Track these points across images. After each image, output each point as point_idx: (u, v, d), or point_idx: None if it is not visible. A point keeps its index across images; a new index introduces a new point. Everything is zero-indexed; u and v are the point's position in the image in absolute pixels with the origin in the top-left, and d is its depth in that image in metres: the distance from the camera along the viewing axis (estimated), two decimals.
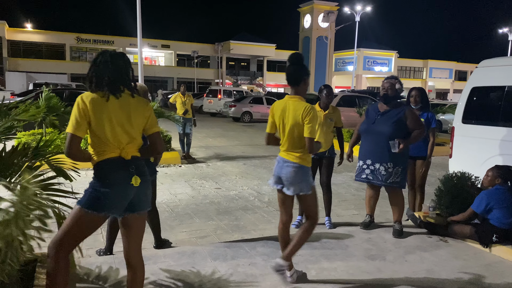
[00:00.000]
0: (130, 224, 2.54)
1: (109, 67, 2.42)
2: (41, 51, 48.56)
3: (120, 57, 2.49)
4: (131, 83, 2.52)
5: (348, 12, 35.13)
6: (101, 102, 2.38)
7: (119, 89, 2.44)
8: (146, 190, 2.51)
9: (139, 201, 2.48)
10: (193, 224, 5.00)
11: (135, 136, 2.47)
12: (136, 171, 2.44)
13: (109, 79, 2.40)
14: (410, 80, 59.58)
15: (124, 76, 2.48)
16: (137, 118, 2.47)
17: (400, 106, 4.55)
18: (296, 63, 3.33)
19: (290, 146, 3.34)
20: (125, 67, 2.49)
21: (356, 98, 15.97)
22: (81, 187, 6.47)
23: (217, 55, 54.29)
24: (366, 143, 4.65)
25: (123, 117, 2.42)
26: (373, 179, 4.58)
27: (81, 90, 14.83)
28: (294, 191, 3.34)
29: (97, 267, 3.54)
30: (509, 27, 41.29)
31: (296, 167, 3.30)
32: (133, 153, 2.47)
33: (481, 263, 3.93)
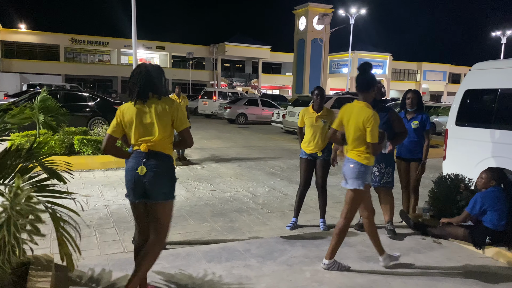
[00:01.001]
0: (148, 210, 2.95)
1: (141, 78, 2.86)
2: (35, 52, 48.32)
3: (153, 68, 2.93)
4: (160, 89, 2.91)
5: (343, 14, 35.25)
6: (129, 108, 2.90)
7: (147, 95, 2.86)
8: (154, 181, 2.83)
9: (149, 190, 2.85)
10: (188, 226, 4.99)
11: (159, 133, 2.84)
12: (145, 162, 2.83)
13: (140, 87, 2.85)
14: (404, 82, 59.89)
15: (154, 84, 2.88)
16: (162, 119, 2.84)
17: (385, 109, 4.68)
18: (367, 72, 3.62)
19: (352, 146, 3.65)
20: (156, 76, 2.90)
21: (351, 100, 16.01)
22: (75, 188, 6.45)
23: (212, 57, 54.28)
24: None
25: (147, 118, 2.84)
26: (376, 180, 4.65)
27: (75, 92, 14.75)
28: (351, 185, 3.64)
29: (90, 269, 3.52)
30: (502, 30, 41.63)
31: (355, 163, 3.61)
32: (152, 148, 2.85)
33: (475, 264, 3.95)
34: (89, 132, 9.88)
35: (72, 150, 8.44)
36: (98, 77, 50.35)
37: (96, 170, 8.06)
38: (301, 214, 5.42)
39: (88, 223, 4.86)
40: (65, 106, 9.14)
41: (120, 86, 50.10)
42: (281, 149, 12.26)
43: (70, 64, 48.68)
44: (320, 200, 5.06)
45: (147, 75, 2.89)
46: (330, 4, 42.51)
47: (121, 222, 4.99)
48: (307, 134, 4.93)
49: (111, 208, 5.56)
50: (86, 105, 12.77)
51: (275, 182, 7.68)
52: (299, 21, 43.65)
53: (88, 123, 12.37)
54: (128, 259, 3.78)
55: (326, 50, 40.94)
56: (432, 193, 5.02)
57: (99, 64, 51.74)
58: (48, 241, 4.11)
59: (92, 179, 7.29)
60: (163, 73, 2.97)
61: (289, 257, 3.98)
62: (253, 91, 54.50)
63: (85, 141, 8.36)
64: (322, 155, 4.92)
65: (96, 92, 20.89)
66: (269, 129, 18.89)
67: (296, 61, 44.15)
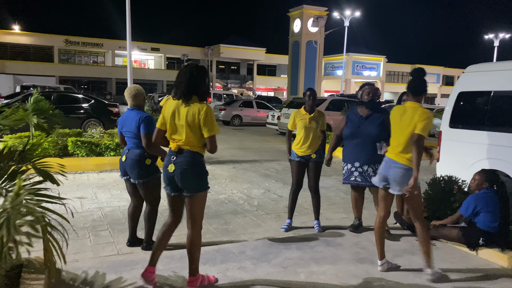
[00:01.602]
0: (183, 201, 3.27)
1: (186, 78, 3.06)
2: (29, 53, 48.06)
3: (197, 69, 3.11)
4: (202, 91, 3.09)
5: (337, 17, 35.38)
6: (171, 104, 3.11)
7: (188, 96, 3.05)
8: (182, 177, 3.10)
9: (180, 184, 3.15)
10: (182, 228, 4.95)
11: (186, 137, 3.08)
12: (174, 160, 3.12)
13: (184, 88, 3.05)
14: (398, 84, 60.17)
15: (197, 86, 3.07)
16: (191, 123, 3.05)
17: (381, 110, 4.78)
18: (421, 76, 3.68)
19: (402, 149, 3.60)
20: (200, 76, 3.08)
21: (345, 102, 16.05)
22: (69, 190, 6.41)
23: (207, 59, 54.25)
24: (352, 146, 4.77)
25: (182, 119, 3.07)
26: (362, 181, 4.72)
27: (69, 93, 14.68)
28: (400, 190, 3.62)
29: (84, 271, 3.50)
30: (495, 33, 41.96)
31: (404, 169, 3.58)
32: (183, 147, 3.11)
33: (468, 266, 3.97)
34: (83, 133, 9.83)
35: (66, 152, 8.39)
36: (93, 78, 50.16)
37: (90, 172, 8.02)
38: (296, 216, 5.42)
39: (82, 225, 4.84)
40: (59, 107, 9.07)
41: (114, 87, 49.95)
42: (276, 150, 12.27)
43: (64, 66, 48.46)
44: (314, 202, 5.07)
45: (191, 76, 3.07)
46: (324, 7, 42.70)
47: (115, 224, 4.97)
48: (299, 136, 4.92)
49: (105, 210, 5.54)
50: (80, 106, 12.71)
51: (270, 184, 7.68)
52: (294, 23, 43.77)
53: (82, 125, 12.31)
54: (122, 262, 3.77)
55: (321, 52, 41.05)
56: (426, 195, 5.04)
57: (94, 66, 51.55)
58: (41, 243, 4.07)
59: (86, 181, 7.25)
60: (207, 74, 3.15)
61: (283, 259, 3.98)
62: (248, 93, 54.50)
63: (79, 143, 8.31)
64: (316, 157, 4.93)
65: (91, 94, 20.81)
66: (264, 131, 18.90)
67: (291, 63, 44.26)
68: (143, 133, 3.81)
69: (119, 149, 8.56)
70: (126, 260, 3.84)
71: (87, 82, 50.18)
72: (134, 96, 4.03)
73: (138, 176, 3.94)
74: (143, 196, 4.09)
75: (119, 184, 7.08)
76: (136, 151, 3.93)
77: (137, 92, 4.05)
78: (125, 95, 4.11)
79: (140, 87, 4.13)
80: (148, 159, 3.90)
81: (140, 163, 3.90)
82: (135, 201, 4.21)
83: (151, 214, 4.08)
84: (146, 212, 4.09)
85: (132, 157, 3.95)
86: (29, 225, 2.22)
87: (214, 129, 3.09)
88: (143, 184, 3.96)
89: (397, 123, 3.67)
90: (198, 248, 3.30)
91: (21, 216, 2.18)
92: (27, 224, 2.21)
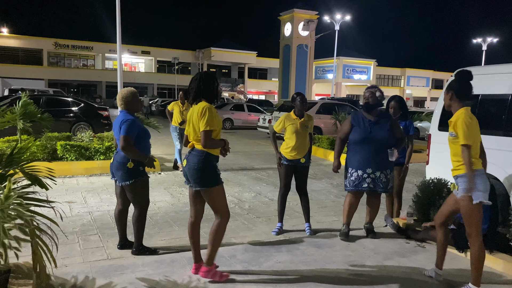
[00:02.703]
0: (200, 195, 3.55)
1: (195, 84, 3.43)
2: (18, 56, 47.60)
3: (205, 76, 3.47)
4: (210, 95, 3.44)
5: (328, 21, 35.60)
6: (191, 110, 3.49)
7: (198, 99, 3.43)
8: (190, 172, 3.41)
9: (190, 179, 3.48)
10: (173, 232, 4.95)
11: (194, 134, 3.43)
12: (187, 157, 3.46)
13: (194, 93, 3.44)
14: (388, 88, 60.61)
15: (204, 90, 3.42)
16: (196, 120, 3.37)
17: (387, 114, 4.74)
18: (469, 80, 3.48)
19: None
20: (206, 82, 3.43)
21: (336, 106, 16.14)
22: (58, 195, 6.34)
23: (198, 62, 54.20)
24: (364, 152, 4.54)
25: (192, 120, 3.43)
26: (375, 187, 4.59)
27: (58, 97, 14.54)
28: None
29: (73, 277, 3.47)
30: (483, 37, 42.53)
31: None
32: (195, 145, 3.43)
33: (457, 267, 4.00)
34: (72, 137, 9.75)
35: (55, 156, 8.31)
36: (82, 82, 49.83)
37: (79, 176, 7.95)
38: (287, 219, 5.42)
39: (71, 230, 4.79)
40: (48, 111, 8.98)
41: (104, 91, 49.64)
42: (267, 154, 12.27)
43: (54, 69, 48.07)
44: (303, 205, 5.08)
45: (199, 82, 3.42)
46: (315, 11, 42.88)
47: (104, 229, 4.92)
48: (290, 141, 4.89)
49: (94, 215, 5.49)
50: (70, 110, 12.60)
51: (261, 187, 7.68)
52: (285, 27, 43.90)
53: (72, 129, 12.20)
54: (112, 266, 3.74)
55: (312, 56, 41.22)
56: (415, 198, 5.07)
57: (83, 69, 51.22)
58: (29, 248, 4.03)
59: (75, 185, 7.18)
60: (214, 80, 3.48)
61: (274, 262, 3.97)
62: (239, 96, 54.54)
63: (69, 147, 8.24)
64: (304, 161, 4.93)
65: (80, 97, 20.64)
66: (255, 134, 18.91)
67: (282, 66, 44.36)
68: (121, 135, 3.86)
69: (109, 153, 8.51)
70: (115, 264, 3.81)
71: (76, 86, 49.82)
72: (121, 99, 4.07)
73: (121, 178, 3.97)
74: (130, 199, 4.08)
75: (109, 188, 7.02)
76: (121, 154, 3.95)
77: (124, 95, 4.06)
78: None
79: (131, 91, 4.12)
80: (131, 163, 3.91)
81: (123, 166, 3.93)
82: (120, 204, 4.20)
83: (138, 217, 4.06)
84: (134, 215, 4.08)
85: (118, 159, 3.99)
86: (18, 228, 2.19)
87: (209, 125, 3.29)
88: (127, 187, 3.98)
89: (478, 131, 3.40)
90: (218, 238, 3.50)
91: (10, 220, 2.15)
92: (16, 228, 2.18)
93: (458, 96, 3.45)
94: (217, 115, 3.40)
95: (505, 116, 4.78)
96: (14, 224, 2.14)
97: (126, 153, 3.87)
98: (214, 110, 3.37)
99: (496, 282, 3.75)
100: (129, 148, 3.84)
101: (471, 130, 3.28)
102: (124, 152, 3.87)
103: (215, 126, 3.34)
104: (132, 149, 3.87)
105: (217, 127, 3.39)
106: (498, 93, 4.93)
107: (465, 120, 3.29)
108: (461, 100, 3.45)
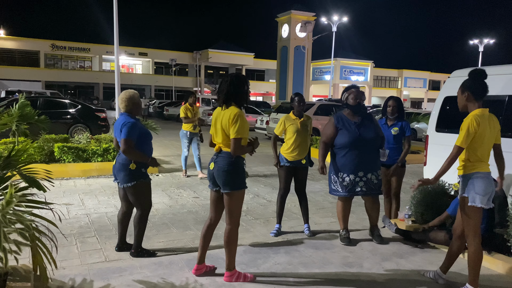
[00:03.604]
0: (222, 198, 3.56)
1: (225, 87, 3.40)
2: (15, 58, 47.50)
3: (236, 78, 3.43)
4: (240, 98, 3.43)
5: (325, 22, 35.63)
6: (216, 111, 3.52)
7: (227, 102, 3.40)
8: (218, 174, 3.42)
9: (218, 182, 3.46)
10: (170, 234, 4.94)
11: (222, 139, 3.41)
12: (215, 160, 3.48)
13: (224, 95, 3.40)
14: (385, 89, 60.77)
15: (234, 94, 3.39)
16: (225, 124, 3.35)
17: (369, 114, 4.69)
18: (484, 78, 3.42)
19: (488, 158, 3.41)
20: (237, 85, 3.40)
21: (333, 107, 16.16)
22: (55, 197, 6.32)
23: (195, 63, 54.18)
24: (353, 155, 4.44)
25: (219, 123, 3.42)
26: (367, 190, 4.51)
27: (55, 98, 14.51)
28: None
29: (71, 279, 3.45)
30: (479, 38, 42.68)
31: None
32: (223, 148, 3.45)
33: (455, 269, 4.00)
34: (69, 139, 9.72)
35: (52, 158, 8.28)
36: (80, 83, 49.74)
37: (77, 178, 7.93)
38: (285, 220, 5.42)
39: (69, 232, 4.77)
40: (45, 113, 8.94)
41: (102, 92, 49.58)
42: (264, 155, 12.27)
43: (51, 71, 47.96)
44: (303, 206, 5.08)
45: (230, 84, 3.39)
46: (312, 12, 42.96)
47: (102, 231, 4.91)
48: (291, 141, 4.88)
49: (92, 217, 5.47)
50: (67, 112, 12.58)
51: (259, 188, 7.68)
52: (282, 28, 43.95)
53: (69, 130, 12.18)
54: (110, 268, 3.73)
55: (309, 57, 41.26)
56: (413, 199, 5.08)
57: (81, 71, 51.14)
58: (27, 251, 4.01)
59: (72, 187, 7.16)
60: (244, 83, 3.45)
61: (272, 264, 3.97)
62: None
63: (66, 149, 8.21)
64: (305, 163, 4.94)
65: (77, 99, 20.60)
66: (253, 135, 18.87)
67: (279, 68, 44.41)
68: (122, 138, 3.89)
69: (106, 155, 8.49)
70: (113, 267, 3.80)
71: (74, 87, 49.73)
72: (122, 101, 4.09)
73: (123, 180, 3.97)
74: (131, 202, 4.08)
75: (106, 190, 7.01)
76: (123, 155, 3.96)
77: (125, 97, 4.07)
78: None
79: (133, 93, 4.15)
80: (133, 164, 3.92)
81: (125, 167, 3.93)
82: (124, 207, 4.19)
83: (140, 219, 4.05)
84: (135, 217, 4.07)
85: (120, 161, 4.00)
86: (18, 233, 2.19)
87: (240, 133, 3.31)
88: (129, 189, 3.98)
89: (489, 133, 3.34)
90: (234, 243, 3.52)
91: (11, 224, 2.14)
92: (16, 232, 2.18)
93: (475, 96, 3.39)
94: (246, 122, 3.41)
95: (501, 117, 4.79)
96: (14, 228, 2.13)
97: (127, 155, 3.89)
98: (244, 117, 3.38)
99: (493, 283, 3.75)
100: (130, 151, 3.87)
101: (472, 134, 3.26)
102: (126, 155, 3.89)
103: (245, 134, 3.38)
104: (133, 151, 3.89)
105: (247, 135, 3.44)
106: (494, 94, 4.94)
107: (471, 124, 3.26)
108: (477, 100, 3.39)
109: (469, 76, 3.49)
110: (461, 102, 3.49)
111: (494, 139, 3.42)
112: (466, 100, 3.43)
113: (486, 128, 3.31)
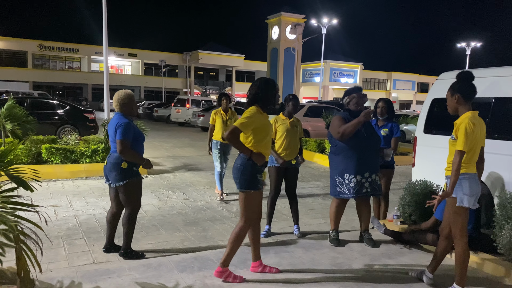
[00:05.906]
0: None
1: (254, 89, 3.61)
2: (2, 58, 46.91)
3: (264, 82, 3.64)
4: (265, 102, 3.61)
5: (315, 24, 35.80)
6: None
7: (251, 104, 3.61)
8: (234, 171, 3.55)
9: (234, 179, 3.60)
10: (160, 236, 4.91)
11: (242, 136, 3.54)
12: (236, 158, 3.61)
13: (250, 97, 3.65)
14: (375, 91, 61.19)
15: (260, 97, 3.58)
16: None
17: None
18: (472, 80, 3.45)
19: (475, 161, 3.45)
20: (265, 89, 3.59)
21: (323, 109, 16.22)
22: (43, 198, 6.24)
23: (185, 65, 54.02)
24: (360, 156, 4.42)
25: None
26: (372, 191, 4.52)
27: (43, 99, 14.35)
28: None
29: (58, 281, 3.42)
30: (467, 41, 43.24)
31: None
32: None
33: (443, 269, 4.04)
34: (58, 140, 9.62)
35: (39, 159, 8.19)
36: (68, 84, 49.27)
37: (64, 180, 7.85)
38: (275, 222, 5.43)
39: (56, 234, 4.72)
40: (32, 113, 8.87)
41: (90, 93, 49.15)
42: None
43: (38, 71, 47.43)
44: (293, 207, 5.09)
45: (259, 88, 3.58)
46: (302, 14, 43.11)
47: (90, 233, 4.87)
48: (281, 141, 4.91)
49: (80, 219, 5.42)
50: (55, 113, 12.45)
51: None
52: (272, 30, 44.05)
53: (57, 131, 12.05)
54: (98, 270, 3.69)
55: (299, 59, 41.42)
56: (402, 199, 5.12)
57: (69, 71, 50.65)
58: (13, 253, 3.96)
59: (60, 188, 7.09)
60: (272, 88, 3.62)
61: None
62: None
63: (54, 150, 8.12)
64: (295, 163, 4.96)
65: (66, 100, 20.40)
66: None
67: (269, 69, 44.46)
68: (117, 139, 3.87)
69: (95, 156, 8.42)
70: (101, 269, 3.76)
71: (62, 88, 49.25)
72: (116, 100, 4.06)
73: (115, 179, 3.95)
74: (122, 201, 4.05)
75: (95, 191, 6.95)
76: (114, 155, 3.96)
77: (121, 97, 4.06)
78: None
79: (128, 93, 4.13)
80: (125, 163, 3.92)
81: (117, 167, 3.92)
82: (114, 207, 4.17)
83: (128, 219, 4.03)
84: (124, 216, 4.05)
85: (111, 160, 3.99)
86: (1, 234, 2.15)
87: (238, 123, 3.43)
88: (121, 188, 3.97)
89: (479, 135, 3.38)
90: (237, 241, 3.55)
91: None
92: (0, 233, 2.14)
93: (465, 98, 3.42)
94: (256, 121, 3.54)
95: (488, 119, 4.85)
96: None
97: (124, 156, 3.87)
98: (255, 116, 3.53)
99: (480, 283, 3.80)
100: (127, 151, 3.86)
101: (471, 137, 3.29)
102: (122, 155, 3.87)
103: (243, 127, 3.49)
104: (130, 152, 3.89)
105: (246, 130, 3.52)
106: (481, 97, 5.01)
107: (467, 126, 3.27)
108: (467, 102, 3.43)
109: (457, 79, 3.52)
110: (451, 104, 3.52)
111: (482, 141, 3.46)
112: (457, 102, 3.45)
113: (478, 130, 3.35)
